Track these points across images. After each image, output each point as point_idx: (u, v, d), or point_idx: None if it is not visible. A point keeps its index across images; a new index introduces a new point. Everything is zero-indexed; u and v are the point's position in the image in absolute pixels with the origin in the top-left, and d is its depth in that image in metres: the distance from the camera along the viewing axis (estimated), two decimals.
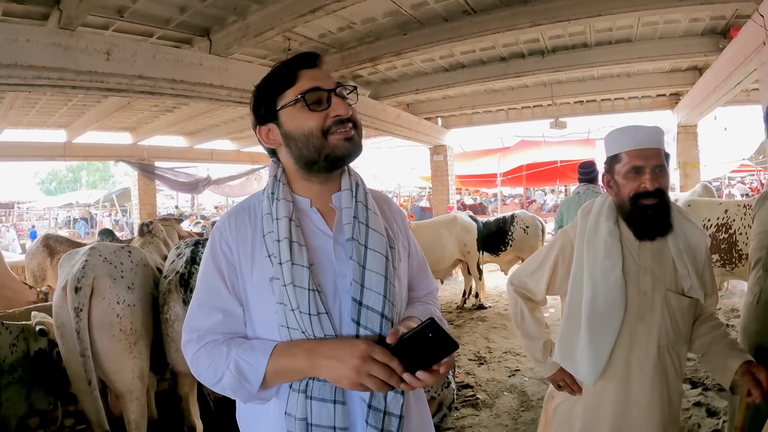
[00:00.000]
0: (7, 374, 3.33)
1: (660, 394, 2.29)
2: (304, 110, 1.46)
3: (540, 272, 2.60)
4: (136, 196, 14.86)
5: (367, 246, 1.47)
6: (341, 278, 1.45)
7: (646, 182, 2.18)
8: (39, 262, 7.70)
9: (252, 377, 1.34)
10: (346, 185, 1.55)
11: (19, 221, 29.91)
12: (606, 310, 2.25)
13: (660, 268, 2.28)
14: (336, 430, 1.35)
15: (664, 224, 2.24)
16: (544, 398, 2.86)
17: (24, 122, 10.84)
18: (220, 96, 6.67)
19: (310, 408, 1.36)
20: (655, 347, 2.26)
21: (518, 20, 6.22)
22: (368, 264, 1.45)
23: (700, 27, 7.22)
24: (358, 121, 1.50)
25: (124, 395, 3.44)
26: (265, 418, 1.47)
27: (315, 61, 1.51)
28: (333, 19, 6.42)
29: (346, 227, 1.48)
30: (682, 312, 2.29)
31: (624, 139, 2.27)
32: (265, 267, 1.43)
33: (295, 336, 1.38)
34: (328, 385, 1.35)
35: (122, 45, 5.46)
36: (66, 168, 51.05)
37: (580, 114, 12.26)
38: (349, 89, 1.53)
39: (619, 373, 2.29)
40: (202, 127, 13.24)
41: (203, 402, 3.75)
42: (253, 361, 1.34)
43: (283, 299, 1.37)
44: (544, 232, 9.22)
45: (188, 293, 3.46)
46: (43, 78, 4.95)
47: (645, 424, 2.28)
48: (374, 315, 1.41)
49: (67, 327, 3.24)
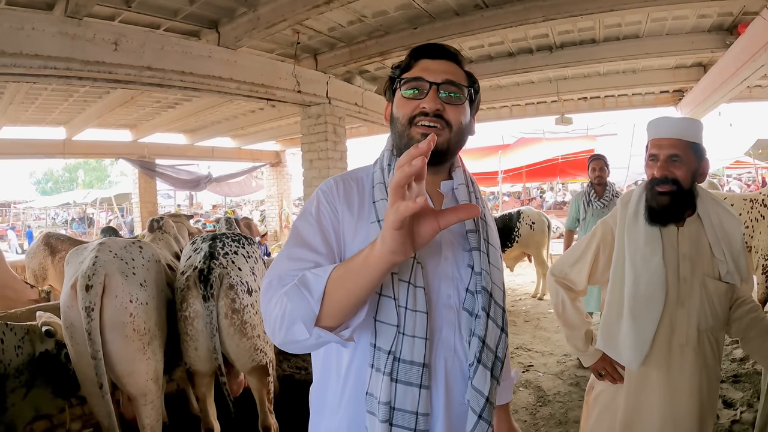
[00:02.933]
0: (12, 378, 3.17)
1: (699, 378, 2.34)
2: (403, 96, 1.51)
3: (581, 262, 2.71)
4: (137, 194, 14.74)
5: (489, 241, 1.52)
6: (443, 261, 1.45)
7: (655, 169, 2.32)
8: (40, 261, 7.57)
9: (314, 285, 1.20)
10: (460, 180, 1.58)
11: (15, 221, 29.85)
12: (647, 295, 2.33)
13: (698, 254, 2.35)
14: (418, 416, 1.33)
15: (673, 212, 2.34)
16: (560, 393, 2.90)
17: (23, 119, 10.71)
18: (229, 89, 6.56)
19: (394, 391, 1.32)
20: (695, 332, 2.32)
21: (530, 15, 6.12)
22: (491, 258, 1.49)
23: (708, 23, 7.12)
24: (453, 120, 1.48)
25: (138, 399, 3.29)
26: (335, 398, 1.45)
27: (438, 52, 1.53)
28: (344, 12, 6.30)
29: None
30: (719, 297, 2.35)
31: (649, 129, 2.42)
32: (370, 231, 1.42)
33: (387, 303, 1.34)
34: (415, 368, 1.32)
35: (131, 35, 5.35)
36: (62, 168, 51.06)
37: (583, 110, 12.09)
38: (460, 87, 1.50)
39: (660, 358, 2.36)
40: (203, 124, 13.14)
41: (222, 402, 3.61)
42: (320, 271, 1.22)
43: None
44: (550, 228, 9.17)
45: (208, 289, 3.33)
46: (50, 68, 4.83)
47: (686, 408, 2.34)
48: (499, 309, 1.46)
49: (77, 327, 3.08)
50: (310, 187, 8.22)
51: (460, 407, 1.42)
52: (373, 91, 9.55)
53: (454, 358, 1.42)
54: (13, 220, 30.79)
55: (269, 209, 18.42)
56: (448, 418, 1.40)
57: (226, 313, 3.39)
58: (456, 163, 1.62)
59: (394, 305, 1.32)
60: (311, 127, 8.15)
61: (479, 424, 1.38)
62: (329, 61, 7.94)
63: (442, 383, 1.39)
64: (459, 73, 1.52)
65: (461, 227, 1.50)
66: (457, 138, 1.50)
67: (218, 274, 3.41)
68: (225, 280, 3.43)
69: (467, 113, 1.52)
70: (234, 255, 3.62)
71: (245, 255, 3.73)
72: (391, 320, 1.32)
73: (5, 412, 3.13)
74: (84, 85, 6.04)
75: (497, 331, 1.44)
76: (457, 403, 1.42)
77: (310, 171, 8.21)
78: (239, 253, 3.69)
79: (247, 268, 3.65)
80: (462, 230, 1.50)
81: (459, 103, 1.49)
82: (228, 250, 3.63)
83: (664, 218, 2.35)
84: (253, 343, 3.50)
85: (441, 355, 1.40)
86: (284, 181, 17.94)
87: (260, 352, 3.56)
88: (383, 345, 1.32)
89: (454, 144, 1.50)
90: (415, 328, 1.32)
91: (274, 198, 17.93)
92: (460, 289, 1.44)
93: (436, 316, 1.40)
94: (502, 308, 1.47)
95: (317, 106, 8.04)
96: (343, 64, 7.81)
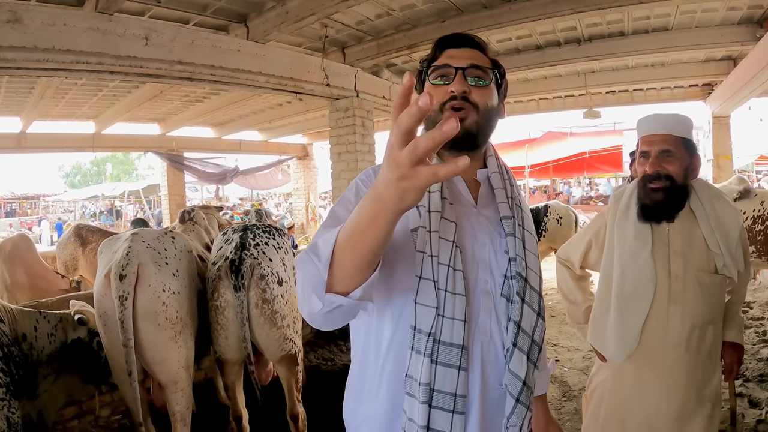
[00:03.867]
0: (45, 365, 3.24)
1: (695, 374, 2.36)
2: (432, 84, 1.53)
3: (577, 247, 2.85)
4: (165, 187, 14.87)
5: (524, 227, 1.53)
6: (480, 247, 1.48)
7: (647, 165, 2.35)
8: (71, 251, 7.68)
9: (322, 249, 1.14)
10: (494, 168, 1.60)
11: (45, 214, 30.22)
12: (634, 291, 2.39)
13: (691, 249, 2.36)
14: (456, 398, 1.35)
15: (667, 209, 2.35)
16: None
17: (53, 113, 10.82)
18: (258, 83, 6.58)
19: (434, 373, 1.34)
20: (689, 328, 2.34)
21: (559, 7, 6.04)
22: (527, 244, 1.51)
23: (737, 16, 6.98)
24: (480, 102, 1.50)
25: (169, 386, 3.35)
26: (374, 381, 1.47)
27: (462, 41, 1.57)
28: (372, 6, 6.30)
29: (501, 206, 1.52)
30: (715, 291, 2.38)
31: (640, 126, 2.45)
32: (408, 216, 1.42)
33: (426, 286, 1.36)
34: (454, 350, 1.35)
35: (161, 30, 5.40)
36: (90, 161, 51.58)
37: (611, 104, 11.95)
38: (485, 71, 1.54)
39: (653, 356, 2.39)
40: (231, 117, 13.17)
41: (250, 391, 3.66)
42: (329, 234, 1.15)
43: (425, 247, 1.38)
44: (577, 223, 9.07)
45: (239, 279, 3.38)
46: (82, 62, 4.90)
47: (681, 405, 2.36)
48: (534, 294, 1.47)
49: (110, 316, 3.15)
50: (338, 179, 8.23)
51: (495, 391, 1.44)
52: (400, 85, 9.52)
53: (489, 343, 1.44)
54: (42, 212, 31.17)
55: (296, 202, 18.48)
56: (484, 401, 1.42)
57: (257, 303, 3.44)
58: (489, 151, 1.64)
59: (434, 288, 1.34)
60: (339, 120, 8.16)
61: (517, 408, 1.40)
62: (357, 55, 7.94)
63: (479, 366, 1.42)
64: (483, 58, 1.55)
65: (497, 214, 1.52)
66: (485, 119, 1.52)
67: (249, 264, 3.45)
68: (256, 271, 3.47)
69: (494, 96, 1.55)
70: (265, 246, 3.66)
71: (276, 246, 3.76)
72: (431, 303, 1.34)
73: (38, 399, 3.19)
74: (115, 79, 6.11)
75: (533, 315, 1.46)
76: (492, 386, 1.44)
77: (338, 164, 8.22)
78: (270, 244, 3.72)
79: (277, 258, 3.69)
80: (497, 217, 1.52)
81: (485, 86, 1.52)
82: (259, 241, 3.66)
83: (657, 215, 2.37)
84: (283, 333, 3.54)
85: (478, 338, 1.42)
86: (311, 174, 17.99)
87: (289, 341, 3.60)
88: (423, 327, 1.34)
89: (483, 125, 1.52)
90: (454, 310, 1.34)
91: (300, 191, 17.99)
92: (497, 274, 1.46)
93: (474, 300, 1.42)
94: (539, 293, 1.49)
95: (345, 100, 8.05)
96: (370, 57, 7.80)
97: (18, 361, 2.95)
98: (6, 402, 2.69)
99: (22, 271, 6.07)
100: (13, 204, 35.64)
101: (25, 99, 9.22)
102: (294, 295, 3.70)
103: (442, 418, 1.34)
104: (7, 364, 2.82)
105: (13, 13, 4.41)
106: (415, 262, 1.37)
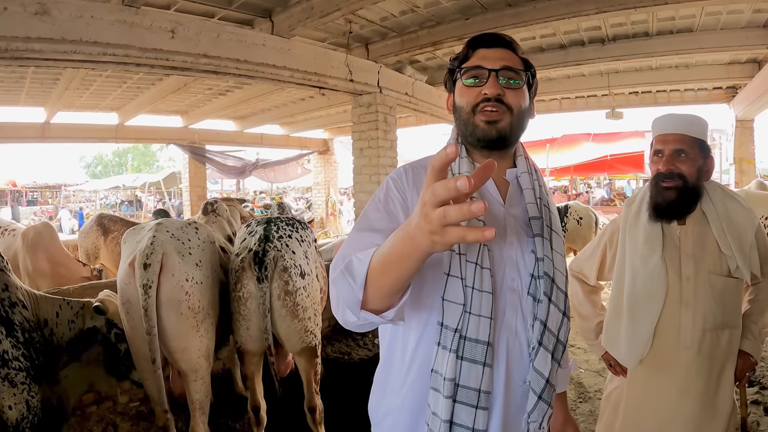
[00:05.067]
0: (65, 351, 3.27)
1: (708, 379, 2.33)
2: (465, 85, 1.55)
3: (592, 258, 2.84)
4: (187, 179, 14.97)
5: (552, 227, 1.54)
6: (508, 246, 1.49)
7: (660, 164, 2.33)
8: (93, 240, 7.76)
9: (357, 271, 1.20)
10: (523, 167, 1.61)
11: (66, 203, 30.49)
12: (645, 295, 2.38)
13: (703, 251, 2.34)
14: (480, 393, 1.37)
15: (679, 208, 2.34)
16: (601, 390, 2.96)
17: (77, 104, 10.95)
18: (283, 77, 6.60)
19: (459, 369, 1.37)
20: (701, 331, 2.31)
21: (583, 6, 6.02)
22: (554, 244, 1.52)
23: (763, 18, 6.92)
24: (514, 104, 1.52)
25: (189, 374, 3.38)
26: (399, 375, 1.51)
27: (494, 41, 1.57)
28: (396, 2, 6.32)
29: (530, 206, 1.53)
30: (729, 294, 2.35)
31: (655, 125, 2.44)
32: None
33: (454, 283, 1.38)
34: (480, 347, 1.37)
35: (187, 23, 5.44)
36: (112, 152, 51.99)
37: (634, 105, 11.87)
38: (517, 73, 1.54)
39: (665, 360, 2.38)
40: (253, 111, 13.23)
41: (268, 382, 3.69)
42: (363, 255, 1.21)
43: (453, 245, 1.32)
44: (597, 224, 9.01)
45: (262, 271, 3.40)
46: (108, 54, 4.94)
47: (693, 410, 2.34)
48: (561, 294, 1.49)
49: (134, 304, 3.17)
50: (360, 175, 8.26)
51: (518, 388, 1.46)
52: (423, 81, 9.53)
53: (514, 340, 1.46)
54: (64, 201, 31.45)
55: (316, 196, 18.53)
56: (507, 397, 1.44)
57: (279, 294, 3.46)
58: (519, 151, 1.65)
59: (461, 285, 1.36)
60: (362, 116, 8.17)
61: (539, 405, 1.42)
62: (380, 51, 7.96)
63: (503, 363, 1.43)
64: (515, 59, 1.56)
65: (525, 214, 1.53)
66: (518, 121, 1.53)
67: (273, 256, 3.47)
68: (279, 263, 3.49)
69: (526, 97, 1.56)
70: (288, 239, 3.69)
71: (299, 239, 3.79)
72: (458, 299, 1.36)
73: (58, 384, 3.23)
74: (140, 71, 6.17)
75: (559, 315, 1.48)
76: (515, 383, 1.46)
77: (360, 159, 8.24)
78: (293, 237, 3.75)
79: (300, 251, 3.71)
80: (525, 217, 1.53)
81: (518, 87, 1.53)
82: (282, 234, 3.69)
83: (669, 214, 2.36)
84: (304, 325, 3.56)
85: (503, 336, 1.44)
86: (331, 169, 18.02)
87: (310, 333, 3.62)
88: (450, 323, 1.36)
89: (516, 127, 1.53)
90: (481, 307, 1.36)
91: (321, 186, 18.02)
92: (524, 273, 1.48)
93: (500, 298, 1.44)
94: (565, 293, 1.51)
95: (368, 95, 8.06)
96: (394, 53, 7.82)
97: (39, 347, 2.98)
98: (26, 386, 2.73)
99: (45, 259, 6.15)
100: (35, 193, 35.96)
101: (50, 90, 9.34)
102: (315, 288, 3.73)
103: (466, 413, 1.36)
104: (28, 350, 2.85)
105: (41, 5, 4.46)
106: (443, 260, 1.39)
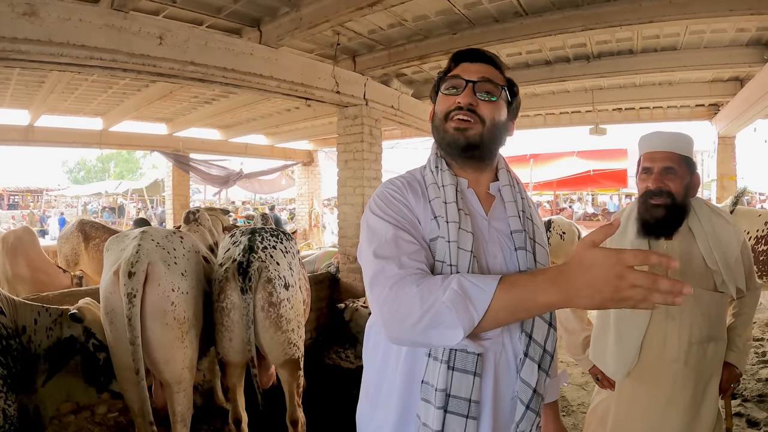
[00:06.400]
0: (42, 360, 3.22)
1: (693, 392, 2.41)
2: (442, 94, 1.63)
3: None
4: (170, 187, 14.83)
5: (535, 240, 1.59)
6: (491, 258, 1.55)
7: (650, 182, 2.36)
8: (73, 246, 7.69)
9: (478, 299, 1.24)
10: (505, 180, 1.67)
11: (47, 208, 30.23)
12: (632, 309, 2.36)
13: (689, 267, 2.38)
14: (471, 403, 1.40)
15: (667, 225, 2.37)
16: (584, 404, 2.95)
17: (62, 108, 10.81)
18: (270, 87, 6.58)
19: (451, 379, 1.40)
20: (687, 344, 2.35)
21: (570, 24, 6.08)
22: (538, 256, 1.56)
23: (746, 37, 7.06)
24: (487, 115, 1.56)
25: (172, 386, 3.35)
26: (391, 387, 1.53)
27: (477, 56, 1.64)
28: (385, 15, 6.31)
29: (512, 219, 1.58)
30: (716, 308, 2.40)
31: (642, 143, 2.47)
32: (428, 229, 1.52)
33: None
34: (470, 357, 1.40)
35: (175, 30, 5.41)
36: (95, 158, 51.62)
37: (617, 121, 11.99)
38: (495, 86, 1.60)
39: (650, 373, 2.41)
40: (239, 120, 13.18)
41: (250, 394, 3.67)
42: (481, 283, 1.25)
43: (444, 257, 1.45)
44: (580, 238, 9.04)
45: (246, 281, 3.39)
46: (95, 59, 4.90)
47: (678, 423, 2.37)
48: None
49: (118, 313, 3.14)
50: (344, 187, 8.22)
51: (506, 397, 1.50)
52: (409, 95, 9.53)
53: (501, 352, 1.48)
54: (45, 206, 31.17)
55: (299, 208, 18.49)
56: (496, 406, 1.48)
57: (263, 306, 3.45)
58: (501, 164, 1.71)
59: None
60: (348, 128, 8.15)
61: (527, 414, 1.46)
62: (367, 63, 7.96)
63: (491, 373, 1.47)
64: (496, 74, 1.62)
65: (507, 227, 1.56)
66: (491, 134, 1.57)
67: (257, 267, 3.47)
68: (263, 274, 3.48)
69: (502, 112, 1.60)
70: (272, 250, 3.68)
71: (283, 250, 3.78)
72: None
73: (35, 393, 3.17)
74: (127, 77, 6.12)
75: (545, 326, 1.51)
76: (503, 393, 1.50)
77: (345, 171, 8.21)
78: (278, 248, 3.74)
79: (284, 262, 3.70)
80: (508, 230, 1.56)
81: (493, 100, 1.58)
82: (267, 245, 3.68)
83: (657, 231, 2.39)
84: (287, 337, 3.55)
85: (491, 348, 1.46)
86: (315, 180, 17.97)
87: (293, 345, 3.61)
88: None
89: (488, 139, 1.57)
90: None
91: (304, 197, 17.98)
92: None
93: None
94: None
95: (354, 107, 8.05)
96: (381, 66, 7.82)
97: (16, 355, 2.93)
98: (3, 394, 2.69)
99: (24, 264, 6.10)
100: (16, 197, 35.61)
101: (35, 92, 9.24)
102: (299, 299, 3.71)
103: (456, 422, 1.39)
104: (5, 357, 2.81)
105: (29, 6, 4.42)
106: (433, 271, 1.41)
